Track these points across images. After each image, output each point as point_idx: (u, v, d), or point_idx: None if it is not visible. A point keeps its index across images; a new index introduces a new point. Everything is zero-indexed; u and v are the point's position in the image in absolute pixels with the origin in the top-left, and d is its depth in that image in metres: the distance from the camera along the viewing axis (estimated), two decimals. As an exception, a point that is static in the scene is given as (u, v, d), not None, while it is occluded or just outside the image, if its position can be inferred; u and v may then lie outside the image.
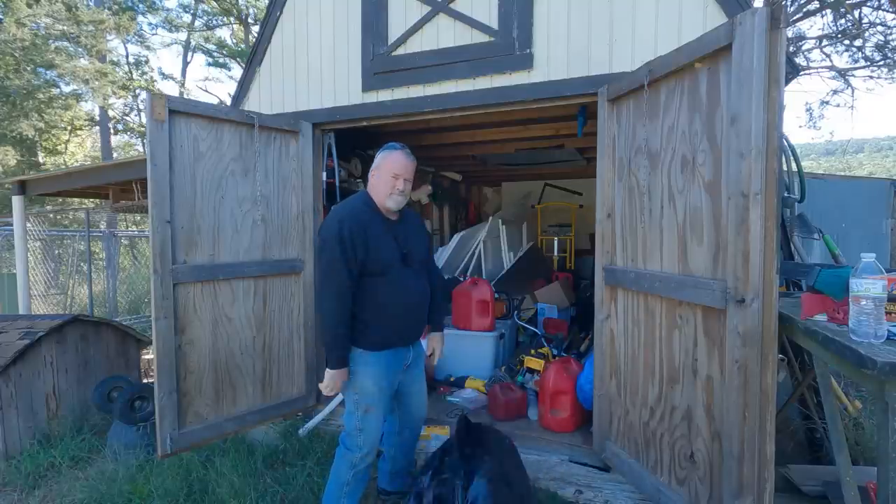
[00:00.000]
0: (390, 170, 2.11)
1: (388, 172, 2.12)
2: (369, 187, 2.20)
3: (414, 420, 2.42)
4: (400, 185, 2.12)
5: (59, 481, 2.97)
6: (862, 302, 1.49)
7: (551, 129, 4.51)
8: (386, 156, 2.15)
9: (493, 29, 2.85)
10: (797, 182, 2.78)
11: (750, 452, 1.77)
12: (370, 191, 2.19)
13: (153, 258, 2.56)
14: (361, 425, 2.13)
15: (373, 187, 2.17)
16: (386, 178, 2.11)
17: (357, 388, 2.13)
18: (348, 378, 2.11)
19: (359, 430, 2.13)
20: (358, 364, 2.12)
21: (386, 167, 2.13)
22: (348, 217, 2.06)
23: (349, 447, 2.16)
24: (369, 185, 2.20)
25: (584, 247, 7.34)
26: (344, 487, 2.15)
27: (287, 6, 3.45)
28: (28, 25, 11.91)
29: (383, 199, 2.13)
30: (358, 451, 2.14)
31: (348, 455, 2.15)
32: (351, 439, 2.16)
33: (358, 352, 2.12)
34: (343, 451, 2.18)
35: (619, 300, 2.50)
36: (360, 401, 2.13)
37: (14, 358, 3.26)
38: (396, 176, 2.11)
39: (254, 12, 16.37)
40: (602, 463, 2.68)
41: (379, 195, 2.14)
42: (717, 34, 1.84)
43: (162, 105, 2.54)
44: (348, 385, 2.14)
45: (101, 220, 11.57)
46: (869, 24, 9.53)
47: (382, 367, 2.14)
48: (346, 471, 2.15)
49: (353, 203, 2.17)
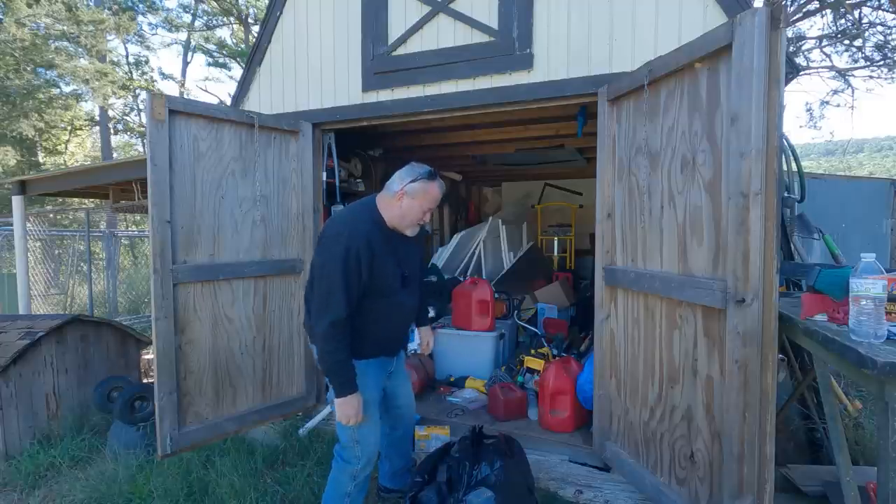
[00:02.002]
0: (426, 204, 1.99)
1: (423, 205, 1.99)
2: (386, 203, 2.01)
3: (405, 417, 2.39)
4: (427, 217, 2.04)
5: (59, 481, 2.97)
6: (862, 302, 1.49)
7: (551, 129, 4.52)
8: (426, 188, 1.98)
9: (493, 29, 2.85)
10: (797, 182, 2.78)
11: (750, 452, 1.77)
12: (383, 207, 2.01)
13: (153, 258, 2.56)
14: (357, 436, 2.06)
15: (393, 208, 1.99)
16: (418, 209, 1.98)
17: None
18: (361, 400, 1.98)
19: (355, 441, 2.07)
20: None
21: (423, 199, 1.98)
22: (356, 241, 1.89)
23: (347, 459, 2.10)
24: (387, 202, 2.00)
25: (584, 247, 7.34)
26: (346, 498, 2.11)
27: (287, 6, 3.45)
28: (28, 25, 11.92)
29: (403, 226, 2.01)
30: (357, 463, 2.08)
31: (348, 468, 2.09)
32: (348, 451, 2.10)
33: None
34: (341, 464, 2.11)
35: (619, 300, 2.50)
36: None
37: (14, 358, 3.25)
38: (429, 210, 2.02)
39: (254, 12, 16.38)
40: (602, 463, 2.68)
41: (399, 219, 2.00)
42: (716, 34, 1.84)
43: (162, 105, 2.54)
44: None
45: (101, 220, 11.58)
46: (869, 24, 9.53)
47: (371, 376, 2.10)
48: (348, 482, 2.10)
49: (361, 220, 1.97)
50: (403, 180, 1.98)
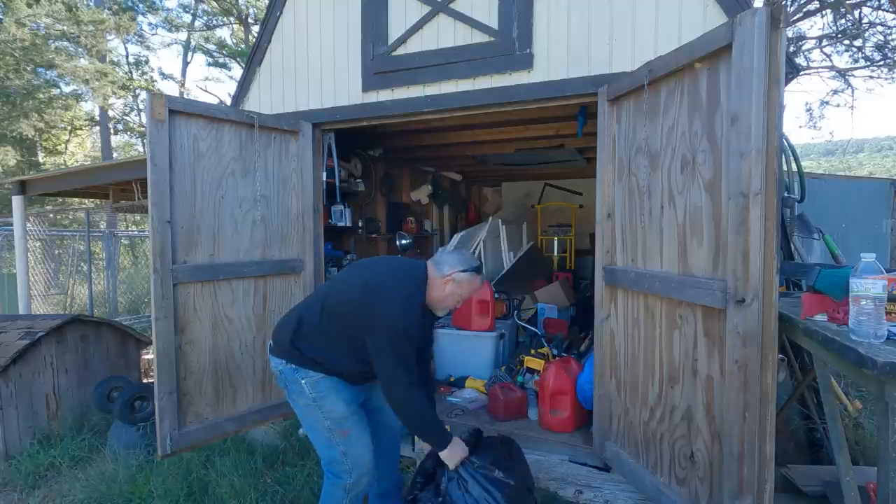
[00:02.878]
0: (465, 294, 2.07)
1: (463, 295, 2.06)
2: (432, 283, 2.02)
3: (390, 432, 2.33)
4: (459, 305, 2.12)
5: (59, 481, 2.97)
6: (862, 302, 1.49)
7: (551, 129, 4.52)
8: (472, 280, 2.05)
9: (493, 29, 2.85)
10: (797, 182, 2.78)
11: (750, 452, 1.77)
12: (430, 286, 2.02)
13: (153, 258, 2.56)
14: (345, 448, 2.01)
15: (436, 289, 2.02)
16: (458, 298, 2.05)
17: (328, 414, 2.01)
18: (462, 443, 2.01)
19: (343, 454, 2.01)
20: (322, 389, 2.01)
21: (465, 290, 2.05)
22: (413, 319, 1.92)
23: (337, 474, 2.04)
24: (435, 283, 2.02)
25: (584, 247, 7.34)
26: None
27: (287, 6, 3.45)
28: (28, 25, 11.91)
29: (436, 307, 2.07)
30: (348, 477, 2.02)
31: (340, 482, 2.03)
32: (337, 466, 2.03)
33: (319, 377, 2.01)
34: (333, 479, 2.05)
35: (619, 300, 2.50)
36: (334, 426, 2.02)
37: (14, 358, 3.26)
38: (465, 300, 2.10)
39: (254, 12, 16.37)
40: (602, 463, 2.68)
41: (437, 302, 2.05)
42: (716, 34, 1.84)
43: (162, 105, 2.54)
44: (312, 414, 2.03)
45: (101, 220, 11.58)
46: (869, 24, 9.53)
47: (348, 389, 2.06)
48: (342, 497, 2.04)
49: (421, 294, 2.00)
50: (454, 267, 2.01)
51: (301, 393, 2.02)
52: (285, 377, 2.06)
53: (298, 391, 2.03)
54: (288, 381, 2.05)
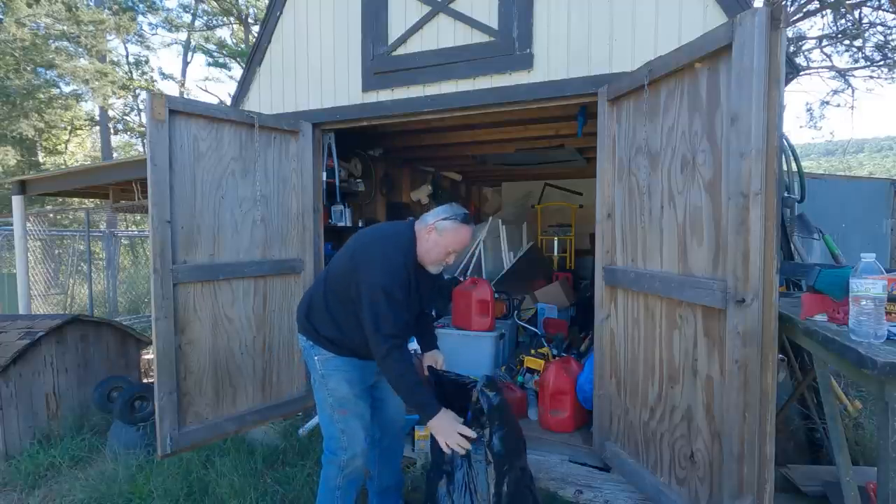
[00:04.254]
0: (451, 245, 1.99)
1: (448, 245, 1.99)
2: (419, 237, 2.01)
3: (394, 426, 2.33)
4: (451, 259, 2.04)
5: (59, 481, 2.97)
6: (862, 302, 1.49)
7: (551, 129, 4.52)
8: (456, 229, 1.97)
9: (493, 29, 2.85)
10: (797, 182, 2.78)
11: (750, 452, 1.77)
12: (418, 242, 2.00)
13: (153, 258, 2.56)
14: (343, 426, 2.05)
15: (424, 242, 2.00)
16: (442, 248, 1.98)
17: (331, 392, 2.06)
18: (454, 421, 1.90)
19: (341, 431, 2.05)
20: (330, 368, 2.06)
21: (450, 240, 1.98)
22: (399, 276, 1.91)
23: (334, 451, 2.08)
24: (420, 236, 2.00)
25: (584, 247, 7.33)
26: (336, 492, 2.08)
27: (287, 6, 3.45)
28: (28, 25, 11.92)
29: (426, 262, 2.02)
30: (344, 453, 2.05)
31: (335, 459, 2.07)
32: (335, 442, 2.07)
33: (329, 356, 2.06)
34: (329, 456, 2.10)
35: (619, 300, 2.50)
36: (335, 405, 2.06)
37: (14, 358, 3.25)
38: (454, 252, 2.02)
39: (254, 12, 16.37)
40: (602, 463, 2.68)
41: (424, 254, 2.01)
42: (716, 34, 1.84)
43: (162, 105, 2.54)
44: (321, 390, 2.08)
45: (101, 220, 11.57)
46: (869, 24, 9.54)
47: (357, 370, 2.09)
48: (336, 474, 2.06)
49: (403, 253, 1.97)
50: (437, 216, 2.00)
51: (314, 369, 2.11)
52: (305, 353, 2.16)
53: (312, 367, 2.13)
54: (307, 357, 2.16)
